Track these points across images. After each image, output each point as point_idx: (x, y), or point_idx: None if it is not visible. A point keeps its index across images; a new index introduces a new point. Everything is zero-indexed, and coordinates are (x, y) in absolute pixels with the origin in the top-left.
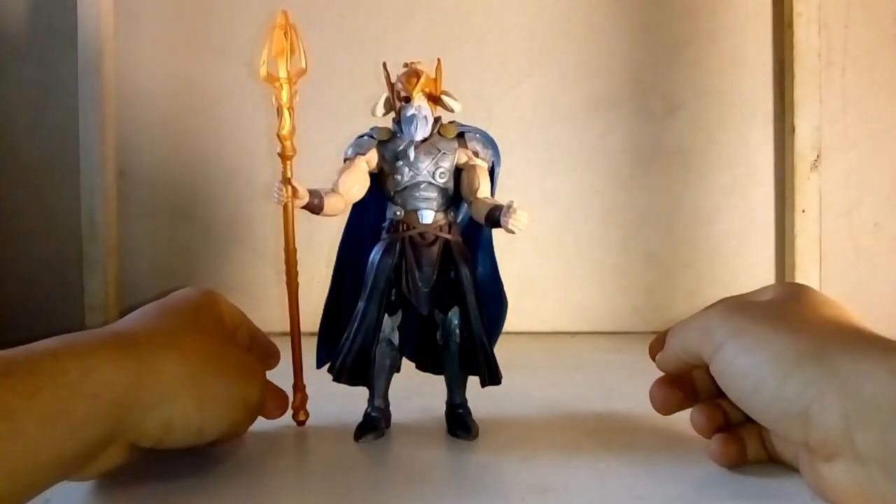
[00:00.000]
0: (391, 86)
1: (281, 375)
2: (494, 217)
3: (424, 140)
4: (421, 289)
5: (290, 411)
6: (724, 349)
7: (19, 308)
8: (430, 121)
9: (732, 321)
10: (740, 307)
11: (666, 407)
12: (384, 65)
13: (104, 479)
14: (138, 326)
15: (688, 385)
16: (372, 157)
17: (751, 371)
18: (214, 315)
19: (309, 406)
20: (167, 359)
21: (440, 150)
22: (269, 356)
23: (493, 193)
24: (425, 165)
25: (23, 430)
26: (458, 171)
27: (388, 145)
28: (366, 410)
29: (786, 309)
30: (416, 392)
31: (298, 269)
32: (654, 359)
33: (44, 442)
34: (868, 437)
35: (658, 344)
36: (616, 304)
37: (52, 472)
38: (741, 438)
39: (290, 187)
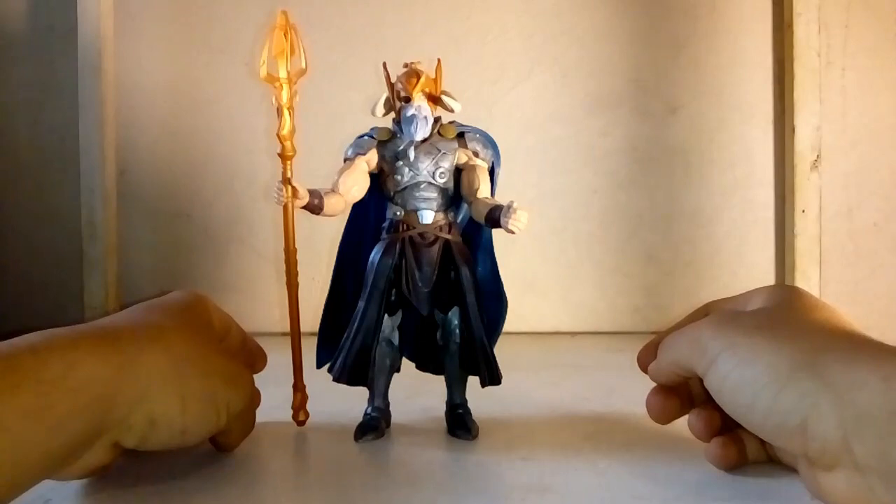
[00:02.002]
0: (391, 86)
1: (281, 375)
2: (494, 217)
3: (424, 140)
4: (421, 289)
5: (290, 411)
6: (717, 364)
7: (19, 307)
8: (430, 121)
9: (724, 334)
10: (731, 318)
11: (664, 416)
12: (384, 65)
13: (103, 479)
14: (123, 322)
15: (683, 392)
16: (372, 157)
17: (745, 385)
18: (203, 318)
19: (309, 406)
20: (150, 353)
21: (440, 151)
22: (256, 360)
23: (493, 193)
24: (425, 165)
25: (5, 426)
26: (457, 172)
27: (388, 145)
28: (366, 410)
29: (777, 317)
30: (416, 392)
31: (298, 269)
32: (644, 369)
33: (27, 437)
34: (866, 446)
35: (647, 354)
36: (616, 304)
37: (37, 468)
38: (740, 440)
39: (290, 187)
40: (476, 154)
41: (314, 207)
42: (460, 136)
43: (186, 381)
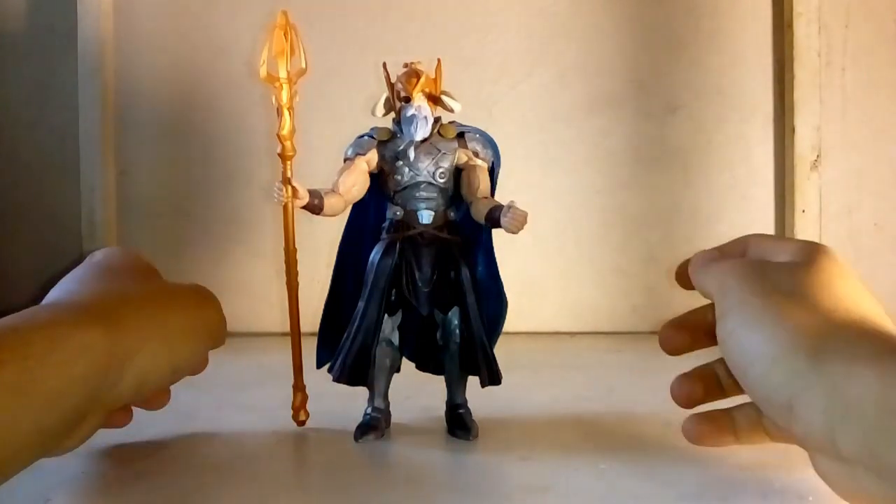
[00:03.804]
0: (391, 86)
1: (281, 375)
2: (494, 217)
3: (424, 140)
4: (421, 289)
5: (290, 411)
6: (727, 317)
7: (19, 308)
8: (430, 121)
9: (742, 287)
10: (756, 271)
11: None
12: (384, 65)
13: (102, 479)
14: (83, 296)
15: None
16: (372, 157)
17: (745, 347)
18: (143, 262)
19: (309, 406)
20: (125, 313)
21: (440, 151)
22: None
23: (493, 193)
24: (425, 165)
25: None
26: (457, 172)
27: (388, 145)
28: (366, 410)
29: (798, 280)
30: (416, 392)
31: (298, 269)
32: (678, 279)
33: (16, 413)
34: (850, 439)
35: (682, 275)
36: (616, 304)
37: (32, 445)
38: (730, 417)
39: (290, 187)
40: (476, 154)
41: (314, 207)
42: (460, 136)
43: (166, 323)
